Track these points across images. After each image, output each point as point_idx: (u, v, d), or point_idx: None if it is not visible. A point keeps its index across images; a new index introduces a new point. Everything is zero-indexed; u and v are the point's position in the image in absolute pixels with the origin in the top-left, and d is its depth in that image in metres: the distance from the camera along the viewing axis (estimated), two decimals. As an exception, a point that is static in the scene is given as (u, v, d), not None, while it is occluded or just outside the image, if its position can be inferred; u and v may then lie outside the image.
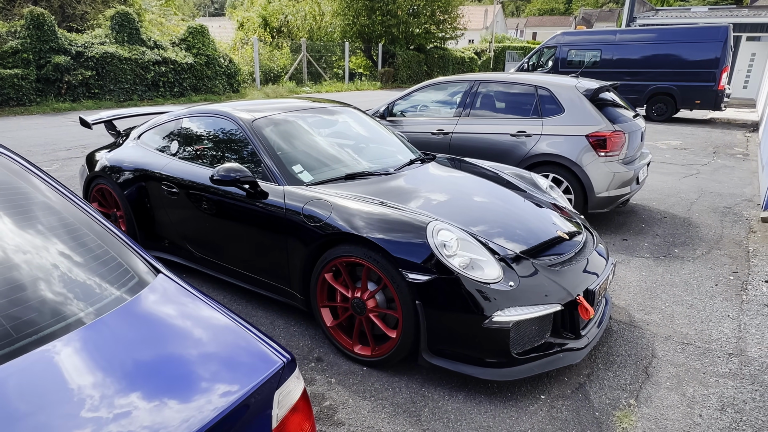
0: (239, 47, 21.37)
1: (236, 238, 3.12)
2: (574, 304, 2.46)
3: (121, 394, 0.94)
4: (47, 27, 12.54)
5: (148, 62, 14.47)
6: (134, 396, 0.93)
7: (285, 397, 1.04)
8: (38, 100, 12.57)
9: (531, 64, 14.90)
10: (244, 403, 0.94)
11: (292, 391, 1.06)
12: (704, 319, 3.19)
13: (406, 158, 3.63)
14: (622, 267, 3.97)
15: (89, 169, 4.06)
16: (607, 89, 5.10)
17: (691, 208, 5.58)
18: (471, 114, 5.20)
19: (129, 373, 0.99)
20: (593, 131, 4.53)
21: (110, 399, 0.92)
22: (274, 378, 1.01)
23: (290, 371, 1.07)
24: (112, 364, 1.00)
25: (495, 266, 2.39)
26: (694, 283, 3.68)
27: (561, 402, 2.40)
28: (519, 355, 2.33)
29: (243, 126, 3.22)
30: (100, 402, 0.91)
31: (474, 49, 34.04)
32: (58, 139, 8.94)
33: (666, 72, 12.62)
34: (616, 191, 4.60)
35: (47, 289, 1.15)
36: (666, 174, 7.18)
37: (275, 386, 1.01)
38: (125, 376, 0.98)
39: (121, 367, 0.99)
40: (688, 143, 9.80)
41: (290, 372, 1.07)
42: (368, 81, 23.32)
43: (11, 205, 1.33)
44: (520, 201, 3.20)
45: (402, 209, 2.65)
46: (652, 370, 2.64)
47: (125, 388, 0.95)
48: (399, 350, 2.48)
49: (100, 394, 0.92)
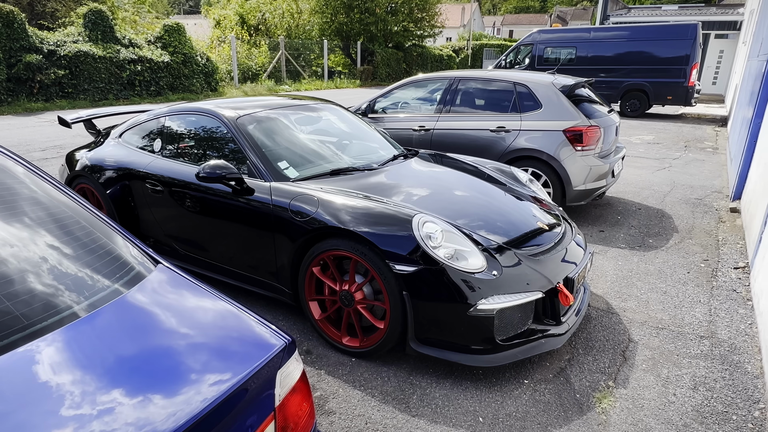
0: (216, 45, 21.13)
1: (222, 235, 3.14)
2: (555, 292, 2.56)
3: (128, 381, 0.97)
4: (17, 25, 12.22)
5: (123, 61, 14.22)
6: (144, 382, 0.97)
7: (286, 378, 1.09)
8: (9, 100, 12.25)
9: (508, 62, 15.11)
10: (250, 381, 0.98)
11: (292, 373, 1.11)
12: (677, 304, 3.33)
13: (390, 154, 3.69)
14: (600, 257, 4.10)
15: (69, 168, 4.02)
16: (583, 85, 5.25)
17: (664, 200, 5.77)
18: (451, 110, 5.29)
19: (135, 362, 1.03)
20: (570, 126, 4.66)
21: (121, 387, 0.95)
22: (276, 358, 1.06)
23: (290, 353, 1.12)
24: (115, 355, 1.03)
25: (479, 256, 2.47)
26: (667, 271, 3.83)
27: (543, 386, 2.49)
28: (503, 341, 2.42)
29: (227, 123, 3.24)
30: (111, 391, 0.94)
31: (452, 47, 34.30)
32: (32, 139, 8.75)
33: (639, 69, 12.95)
34: (592, 184, 4.74)
35: (42, 282, 1.17)
36: (640, 168, 7.40)
37: (277, 366, 1.06)
38: (131, 366, 1.01)
39: (125, 357, 1.02)
40: (661, 138, 10.09)
41: (290, 353, 1.12)
42: (347, 79, 23.32)
43: (6, 199, 1.34)
44: (501, 194, 3.29)
45: (386, 203, 2.71)
46: (629, 354, 2.76)
47: (132, 377, 0.98)
48: (387, 340, 2.54)
49: (108, 384, 0.95)
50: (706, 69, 19.96)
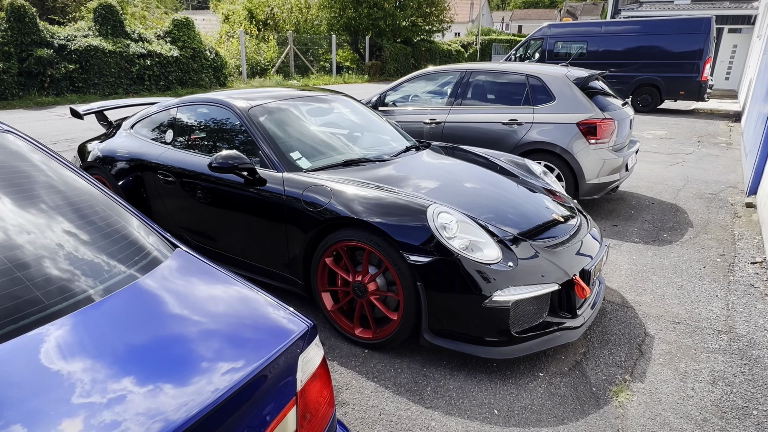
0: (225, 40, 21.13)
1: (234, 226, 3.13)
2: (571, 284, 2.52)
3: (151, 364, 0.95)
4: (28, 19, 12.30)
5: (132, 55, 14.28)
6: (167, 366, 0.95)
7: (307, 363, 1.07)
8: (20, 94, 12.34)
9: (518, 56, 14.98)
10: (268, 368, 0.96)
11: (313, 358, 1.09)
12: (694, 299, 3.28)
13: (402, 145, 3.66)
14: (614, 251, 4.05)
15: (82, 159, 4.03)
16: (597, 78, 5.18)
17: (678, 194, 5.69)
18: (463, 103, 5.24)
19: (153, 345, 1.01)
20: (584, 119, 4.60)
21: (130, 375, 0.93)
22: (298, 343, 1.04)
23: (312, 338, 1.10)
24: (125, 342, 1.01)
25: (494, 247, 2.44)
26: (683, 266, 3.78)
27: (559, 379, 2.46)
28: (518, 333, 2.39)
29: (240, 114, 3.22)
30: (120, 380, 0.92)
31: (461, 42, 34.09)
32: (43, 133, 8.80)
33: (651, 63, 12.79)
34: (606, 178, 4.68)
35: (58, 266, 1.16)
36: (653, 162, 7.31)
37: (299, 350, 1.04)
38: (149, 349, 1.00)
39: (135, 344, 1.00)
40: (673, 133, 9.97)
41: (312, 339, 1.10)
42: (356, 74, 23.26)
43: (23, 183, 1.33)
44: (514, 186, 3.25)
45: (401, 193, 2.68)
46: (645, 348, 2.72)
47: (154, 358, 0.97)
48: (400, 332, 2.52)
49: (117, 372, 0.93)
50: (719, 64, 19.71)
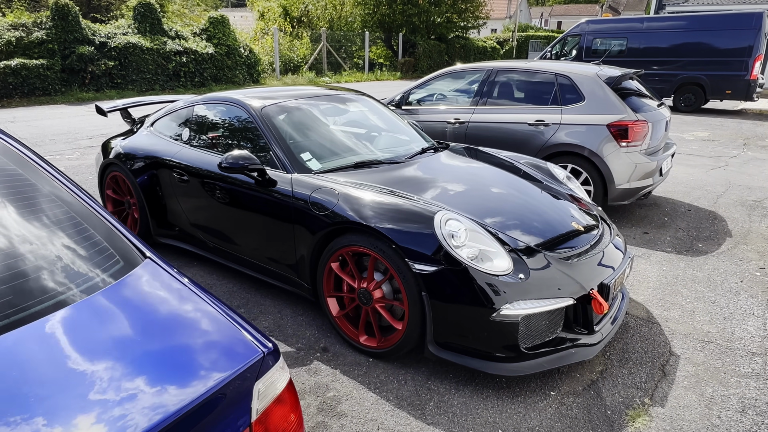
0: (260, 37, 21.42)
1: (245, 227, 3.10)
2: (588, 299, 2.37)
3: (84, 380, 0.89)
4: (72, 18, 12.74)
5: (169, 52, 14.61)
6: (98, 383, 0.89)
7: (268, 388, 1.00)
8: (63, 90, 12.81)
9: (554, 53, 14.55)
10: (217, 394, 0.89)
11: (275, 382, 1.02)
12: (727, 316, 3.05)
13: (419, 147, 3.55)
14: (642, 261, 3.83)
15: (104, 156, 4.09)
16: (631, 77, 4.92)
17: (717, 201, 5.37)
18: (488, 102, 5.08)
19: (96, 358, 0.95)
20: (614, 120, 4.37)
21: (71, 385, 0.88)
22: (253, 368, 0.97)
23: (273, 361, 1.02)
24: (79, 349, 0.96)
25: (505, 258, 2.31)
26: (717, 279, 3.53)
27: (572, 399, 2.32)
28: (528, 349, 2.26)
29: (252, 113, 3.19)
30: (58, 387, 0.87)
31: (496, 38, 33.51)
32: (81, 128, 9.09)
33: (695, 61, 12.18)
34: (637, 183, 4.44)
35: (21, 271, 1.11)
36: (692, 166, 6.94)
37: (255, 377, 0.97)
38: (92, 362, 0.94)
39: (89, 353, 0.95)
40: (717, 135, 9.46)
41: (273, 362, 1.02)
42: (388, 71, 23.16)
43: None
44: (535, 191, 3.10)
45: (410, 198, 2.58)
46: (669, 369, 2.54)
47: (91, 375, 0.91)
48: (405, 342, 2.43)
49: (61, 379, 0.88)
50: (771, 61, 18.60)
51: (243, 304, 3.15)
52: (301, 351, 2.67)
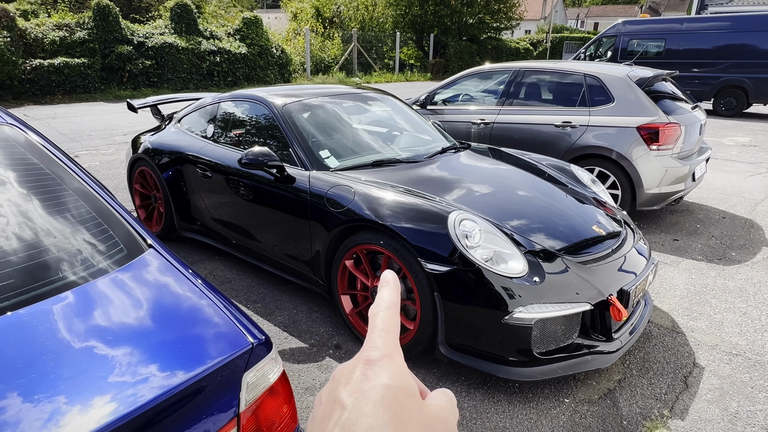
0: (292, 38, 21.69)
1: (263, 222, 3.14)
2: (606, 305, 2.30)
3: (70, 365, 0.91)
4: (112, 18, 13.18)
5: (203, 52, 14.94)
6: (75, 363, 0.90)
7: (258, 379, 1.00)
8: (102, 88, 13.26)
9: (588, 55, 14.21)
10: (202, 382, 0.90)
11: (267, 374, 1.02)
12: (758, 328, 2.91)
13: (439, 146, 3.52)
14: (670, 268, 3.70)
15: (133, 151, 4.21)
16: (664, 78, 4.76)
17: (755, 209, 5.13)
18: (514, 103, 5.00)
19: (86, 345, 0.97)
20: (645, 123, 4.23)
21: (57, 369, 0.89)
22: (241, 358, 0.97)
23: (264, 352, 1.02)
24: (69, 330, 0.98)
25: (520, 260, 2.26)
26: (750, 290, 3.38)
27: (586, 407, 2.25)
28: (542, 354, 2.20)
29: (274, 110, 3.22)
30: (44, 372, 0.89)
31: (530, 39, 32.97)
32: (117, 125, 9.39)
33: (738, 63, 11.68)
34: (668, 188, 4.29)
35: (23, 256, 1.15)
36: (729, 172, 6.65)
37: (243, 367, 0.97)
38: (80, 349, 0.96)
39: (79, 339, 0.97)
40: (759, 140, 9.05)
41: (264, 353, 1.02)
42: (418, 72, 23.09)
43: (8, 171, 1.35)
44: (558, 194, 3.03)
45: (425, 197, 2.56)
46: (692, 380, 2.44)
47: (75, 360, 0.92)
48: (416, 342, 2.41)
49: (50, 363, 0.90)
50: (821, 64, 17.70)
51: (260, 299, 3.19)
52: (314, 347, 2.68)
